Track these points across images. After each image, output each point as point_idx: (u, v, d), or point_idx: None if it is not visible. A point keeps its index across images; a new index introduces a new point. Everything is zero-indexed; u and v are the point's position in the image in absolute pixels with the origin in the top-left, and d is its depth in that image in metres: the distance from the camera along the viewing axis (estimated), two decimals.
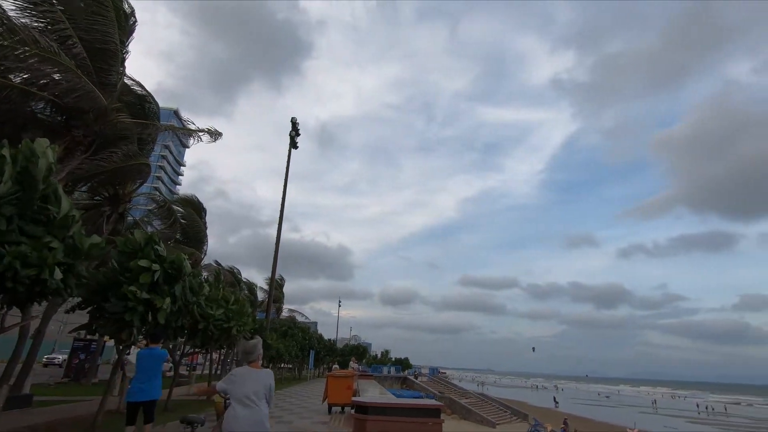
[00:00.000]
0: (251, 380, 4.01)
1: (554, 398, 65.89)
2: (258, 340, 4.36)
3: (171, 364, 33.28)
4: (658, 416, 52.77)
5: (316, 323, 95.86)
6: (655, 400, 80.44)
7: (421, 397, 33.44)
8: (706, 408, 67.17)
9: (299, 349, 36.25)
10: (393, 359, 77.11)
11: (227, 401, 4.68)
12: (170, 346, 21.83)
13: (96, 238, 6.50)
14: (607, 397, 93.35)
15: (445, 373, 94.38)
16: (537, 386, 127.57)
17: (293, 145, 23.25)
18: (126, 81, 14.72)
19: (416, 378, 55.22)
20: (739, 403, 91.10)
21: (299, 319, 57.08)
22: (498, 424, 34.42)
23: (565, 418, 33.97)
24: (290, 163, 22.67)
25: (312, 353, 36.72)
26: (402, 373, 56.47)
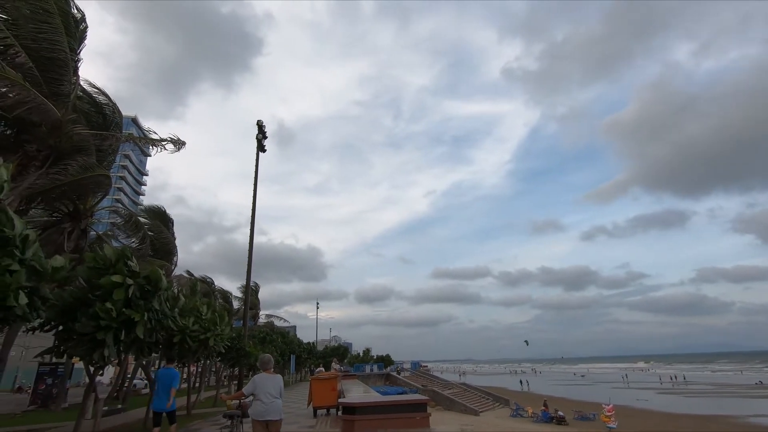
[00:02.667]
0: (270, 383, 5.96)
1: (520, 381, 69.23)
2: (270, 356, 6.40)
3: (146, 381, 32.14)
4: (630, 390, 55.32)
5: (295, 327, 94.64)
6: (626, 375, 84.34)
7: (405, 392, 33.73)
8: (675, 377, 71.00)
9: (279, 355, 35.77)
10: (374, 357, 77.26)
11: (240, 402, 7.13)
12: (143, 363, 21.08)
13: (59, 260, 6.20)
14: (582, 376, 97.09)
15: (426, 366, 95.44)
16: (516, 371, 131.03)
17: (261, 148, 22.82)
18: (87, 88, 14.09)
19: (399, 374, 55.56)
20: (702, 371, 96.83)
21: (277, 323, 56.26)
22: (481, 412, 35.17)
23: (545, 400, 35.12)
24: (258, 167, 22.25)
25: (293, 358, 36.33)
26: (384, 370, 56.68)
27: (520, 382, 68.46)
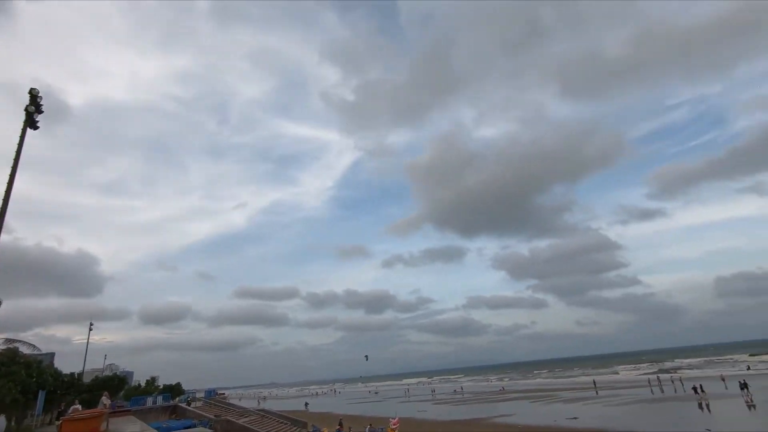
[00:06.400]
0: None
1: (305, 403, 72.60)
2: None
3: None
4: (412, 403, 62.59)
5: (53, 354, 74.58)
6: (408, 389, 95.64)
7: (194, 425, 30.34)
8: (461, 389, 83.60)
9: (18, 392, 27.43)
10: (161, 387, 67.17)
11: None
12: None
13: None
14: (376, 393, 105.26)
15: (224, 393, 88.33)
16: (317, 393, 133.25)
17: (31, 124, 17.94)
18: None
19: (189, 404, 49.51)
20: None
21: (25, 351, 43.46)
22: None
23: (341, 419, 36.56)
24: (23, 147, 17.38)
25: (42, 394, 28.39)
26: (172, 402, 49.69)
27: (305, 404, 71.47)
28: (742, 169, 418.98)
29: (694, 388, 35.61)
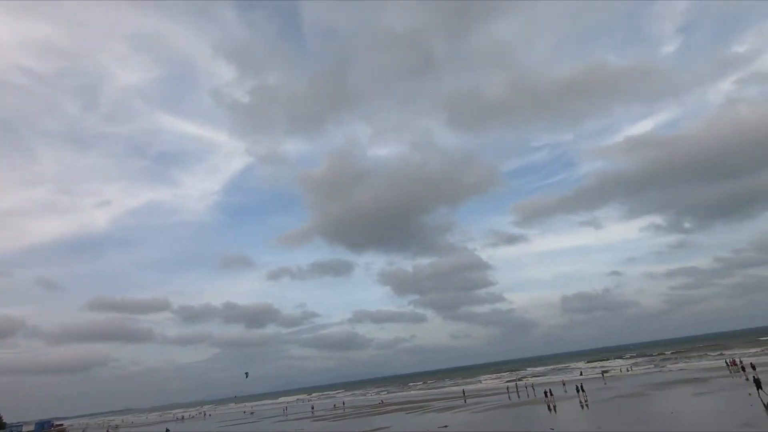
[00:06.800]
0: None
1: (167, 429, 66.40)
2: None
3: None
4: (290, 421, 60.12)
5: None
6: (286, 407, 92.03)
7: None
8: (342, 404, 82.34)
9: None
10: None
11: None
12: None
13: None
14: (252, 413, 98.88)
15: (62, 425, 74.85)
16: (182, 417, 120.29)
17: None
18: None
19: None
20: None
21: None
22: None
23: None
24: None
25: None
26: None
27: (166, 431, 65.27)
28: (583, 206, 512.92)
29: (545, 393, 40.66)
